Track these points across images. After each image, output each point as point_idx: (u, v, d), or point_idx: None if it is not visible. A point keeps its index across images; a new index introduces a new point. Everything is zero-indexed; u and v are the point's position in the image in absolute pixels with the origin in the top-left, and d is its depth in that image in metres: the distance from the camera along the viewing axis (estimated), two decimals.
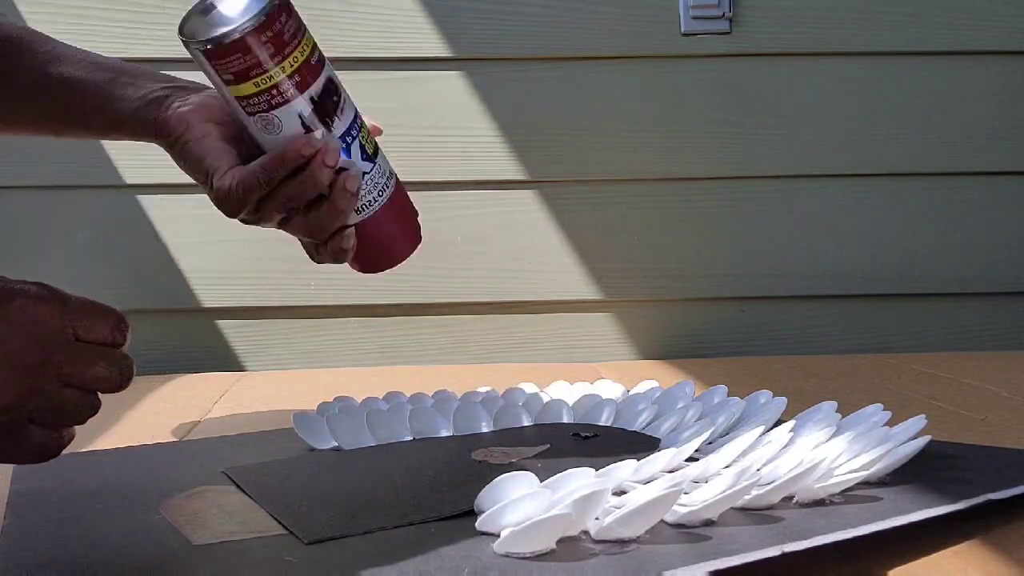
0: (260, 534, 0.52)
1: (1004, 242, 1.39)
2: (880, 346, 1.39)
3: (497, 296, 1.37)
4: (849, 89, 1.38)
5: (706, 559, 0.43)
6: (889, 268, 1.39)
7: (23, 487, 0.64)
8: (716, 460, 0.59)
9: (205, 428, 0.89)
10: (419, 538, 0.50)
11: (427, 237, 1.42)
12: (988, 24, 1.37)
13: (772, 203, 1.38)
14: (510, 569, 0.44)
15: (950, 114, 1.38)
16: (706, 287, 1.38)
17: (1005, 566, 0.47)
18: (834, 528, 0.48)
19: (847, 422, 0.66)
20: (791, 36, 1.37)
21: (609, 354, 1.38)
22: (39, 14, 1.32)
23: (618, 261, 1.38)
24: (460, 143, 1.36)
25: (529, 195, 1.37)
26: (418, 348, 1.37)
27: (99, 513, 0.57)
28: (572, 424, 0.77)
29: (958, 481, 0.57)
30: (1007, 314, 1.40)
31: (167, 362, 1.34)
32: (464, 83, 1.36)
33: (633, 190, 1.37)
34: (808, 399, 0.80)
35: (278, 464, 0.68)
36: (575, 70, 1.36)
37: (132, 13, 1.32)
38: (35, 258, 1.34)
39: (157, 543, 0.50)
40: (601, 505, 0.48)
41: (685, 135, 1.37)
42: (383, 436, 0.74)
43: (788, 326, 1.39)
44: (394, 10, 1.35)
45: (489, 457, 0.66)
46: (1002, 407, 0.90)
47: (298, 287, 1.35)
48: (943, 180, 1.39)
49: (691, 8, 1.35)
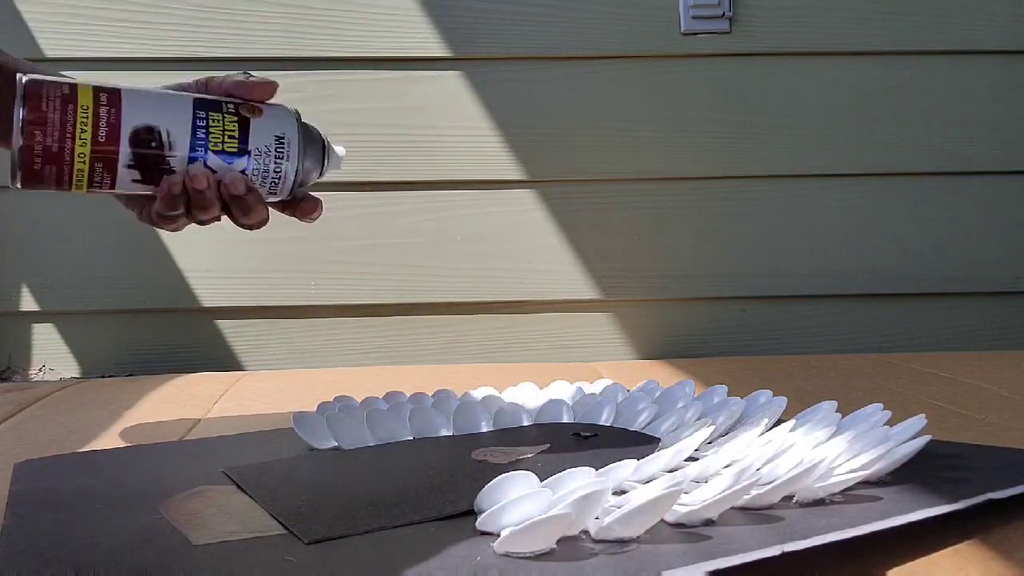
0: (260, 534, 0.52)
1: (1004, 242, 1.39)
2: (880, 346, 1.39)
3: (496, 296, 1.37)
4: (849, 89, 1.38)
5: (706, 559, 0.43)
6: (889, 268, 1.39)
7: (23, 487, 0.64)
8: (716, 460, 0.59)
9: (205, 428, 0.89)
10: (419, 538, 0.50)
11: (427, 237, 1.43)
12: (988, 24, 1.37)
13: (772, 203, 1.38)
14: (510, 569, 0.44)
15: (950, 114, 1.38)
16: (706, 287, 1.38)
17: (1005, 566, 0.47)
18: (834, 528, 0.48)
19: (847, 422, 0.66)
20: (791, 36, 1.37)
21: (608, 354, 1.38)
22: (39, 14, 1.32)
23: (618, 261, 1.38)
24: (460, 143, 1.36)
25: (529, 195, 1.37)
26: (417, 348, 1.37)
27: (99, 513, 0.57)
28: (572, 424, 0.77)
29: (958, 481, 0.57)
30: (1007, 314, 1.40)
31: (167, 362, 1.34)
32: (464, 83, 1.36)
33: (633, 190, 1.38)
34: (808, 399, 0.80)
35: (278, 464, 0.68)
36: (575, 70, 1.36)
37: (132, 13, 1.33)
38: (35, 258, 1.34)
39: (157, 543, 0.50)
40: (601, 505, 0.48)
41: (685, 135, 1.37)
42: (383, 436, 0.74)
43: (788, 326, 1.39)
44: (394, 10, 1.35)
45: (489, 457, 0.66)
46: (1002, 407, 0.90)
47: (298, 287, 1.35)
48: (943, 180, 1.39)
49: (691, 8, 1.35)
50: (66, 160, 0.60)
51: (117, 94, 0.61)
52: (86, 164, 0.60)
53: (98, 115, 0.60)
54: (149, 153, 0.62)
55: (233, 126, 0.64)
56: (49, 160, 0.59)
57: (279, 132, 0.66)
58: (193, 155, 0.63)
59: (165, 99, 0.63)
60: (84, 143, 0.60)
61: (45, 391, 1.11)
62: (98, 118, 0.60)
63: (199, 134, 0.63)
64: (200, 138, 0.63)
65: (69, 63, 1.32)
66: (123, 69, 1.32)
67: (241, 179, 0.64)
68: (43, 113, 0.59)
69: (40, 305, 1.35)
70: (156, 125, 0.62)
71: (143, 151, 0.61)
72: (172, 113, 0.63)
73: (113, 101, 0.61)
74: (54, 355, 1.36)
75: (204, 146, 0.63)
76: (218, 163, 0.64)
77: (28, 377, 1.35)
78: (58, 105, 0.59)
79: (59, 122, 0.59)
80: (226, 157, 0.64)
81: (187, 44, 1.33)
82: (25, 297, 1.35)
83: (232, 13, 1.34)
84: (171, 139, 0.62)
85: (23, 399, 1.06)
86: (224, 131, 0.64)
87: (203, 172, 0.63)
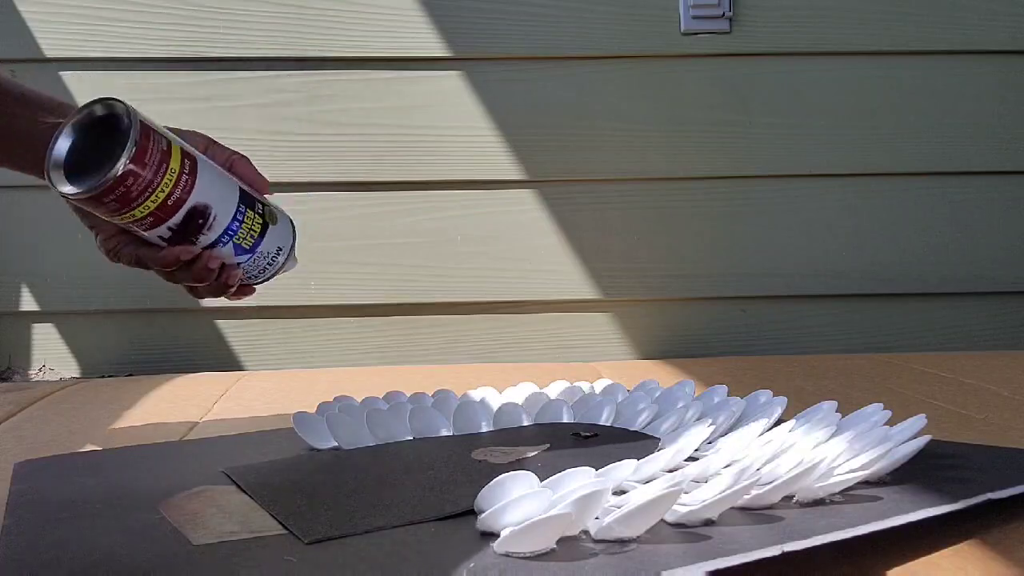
0: (260, 534, 0.52)
1: (1004, 242, 1.39)
2: (880, 346, 1.39)
3: (497, 296, 1.37)
4: (849, 89, 1.38)
5: (706, 559, 0.43)
6: (889, 268, 1.39)
7: (23, 487, 0.64)
8: (716, 460, 0.59)
9: (205, 428, 0.89)
10: (419, 538, 0.50)
11: (427, 237, 1.43)
12: (988, 24, 1.37)
13: (772, 203, 1.38)
14: (510, 569, 0.44)
15: (950, 114, 1.38)
16: (706, 287, 1.38)
17: (1005, 566, 0.47)
18: (834, 528, 0.48)
19: (847, 422, 0.66)
20: (791, 36, 1.37)
21: (609, 354, 1.38)
22: (39, 14, 1.32)
23: (618, 261, 1.38)
24: (460, 143, 1.36)
25: (529, 195, 1.37)
26: (417, 348, 1.37)
27: (99, 513, 0.57)
28: (572, 424, 0.77)
29: (958, 481, 0.57)
30: (1007, 314, 1.40)
31: (167, 362, 1.35)
32: (464, 83, 1.36)
33: (633, 190, 1.38)
34: (808, 399, 0.80)
35: (278, 464, 0.68)
36: (575, 70, 1.36)
37: (132, 13, 1.32)
38: (35, 258, 1.34)
39: (157, 543, 0.50)
40: (601, 505, 0.48)
41: (685, 135, 1.37)
42: (383, 436, 0.74)
43: (788, 326, 1.39)
44: (393, 10, 1.35)
45: (489, 457, 0.66)
46: (1002, 407, 0.90)
47: (298, 287, 1.35)
48: (943, 180, 1.39)
49: (691, 8, 1.35)
50: (133, 206, 0.62)
51: (196, 165, 0.65)
52: (144, 213, 0.63)
53: (179, 181, 0.63)
54: (194, 226, 0.65)
55: (257, 227, 0.69)
56: (121, 199, 0.62)
57: (281, 244, 0.72)
58: (220, 239, 0.67)
59: (225, 183, 0.67)
60: (156, 201, 0.63)
61: (45, 391, 1.11)
62: (176, 185, 0.63)
63: (234, 226, 0.67)
64: (232, 230, 0.67)
65: (69, 63, 1.32)
66: (123, 69, 1.32)
67: (238, 274, 0.70)
68: (144, 161, 0.61)
69: (40, 305, 1.35)
70: (211, 206, 0.66)
71: (191, 223, 0.65)
72: (226, 199, 0.67)
73: (192, 171, 0.64)
74: (54, 355, 1.36)
75: (231, 237, 0.68)
76: (228, 252, 0.68)
77: (28, 377, 1.35)
78: (157, 160, 0.62)
79: (151, 178, 0.62)
80: (238, 250, 0.69)
81: (187, 44, 1.33)
82: (25, 297, 1.35)
83: (231, 13, 1.33)
84: (214, 223, 0.66)
85: (23, 399, 1.06)
86: (250, 230, 0.69)
87: (221, 258, 0.67)
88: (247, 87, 1.33)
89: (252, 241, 0.69)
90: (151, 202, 0.63)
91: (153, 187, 0.62)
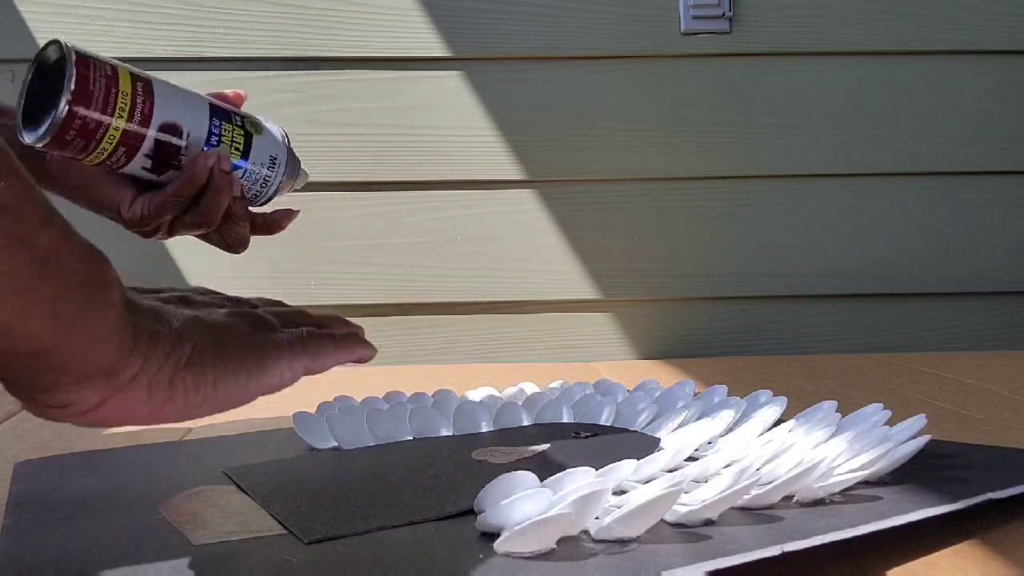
0: (260, 534, 0.52)
1: (1004, 242, 1.39)
2: (880, 346, 1.39)
3: (496, 296, 1.37)
4: (849, 89, 1.38)
5: (706, 559, 0.43)
6: (889, 268, 1.39)
7: (23, 487, 0.64)
8: (716, 460, 0.59)
9: (205, 428, 0.89)
10: (419, 538, 0.50)
11: (427, 237, 1.43)
12: (988, 24, 1.37)
13: (772, 203, 1.38)
14: (510, 569, 0.44)
15: (950, 114, 1.38)
16: (706, 287, 1.38)
17: (1005, 566, 0.47)
18: (834, 528, 0.48)
19: (847, 421, 0.66)
20: (791, 36, 1.37)
21: (609, 354, 1.38)
22: (39, 14, 1.32)
23: (618, 261, 1.38)
24: (460, 143, 1.36)
25: (529, 195, 1.37)
26: (417, 348, 1.37)
27: (99, 513, 0.57)
28: (572, 424, 0.77)
29: (958, 481, 0.57)
30: (1007, 314, 1.40)
31: None
32: (464, 83, 1.36)
33: (633, 190, 1.38)
34: (808, 399, 0.80)
35: (278, 464, 0.68)
36: (575, 70, 1.36)
37: (132, 13, 1.32)
38: None
39: (157, 543, 0.50)
40: (601, 505, 0.48)
41: (685, 135, 1.37)
42: (383, 436, 0.74)
43: (788, 326, 1.39)
44: (393, 10, 1.35)
45: (489, 457, 0.66)
46: (1002, 407, 0.90)
47: (297, 287, 1.35)
48: (943, 180, 1.39)
49: (691, 8, 1.35)
50: (96, 137, 0.62)
51: (150, 86, 0.65)
52: (112, 144, 0.63)
53: (134, 103, 0.63)
54: (170, 147, 0.65)
55: (240, 138, 0.69)
56: (82, 134, 0.62)
57: (273, 153, 0.71)
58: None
59: (189, 99, 0.67)
60: (118, 128, 0.63)
61: None
62: (134, 106, 0.63)
63: (212, 140, 0.68)
64: (213, 144, 0.68)
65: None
66: None
67: (238, 182, 0.69)
68: (89, 91, 0.61)
69: None
70: (180, 123, 0.66)
71: (165, 144, 0.65)
72: (193, 114, 0.67)
73: (147, 92, 0.64)
74: None
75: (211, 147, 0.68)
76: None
77: None
78: (103, 85, 0.62)
79: (101, 102, 0.62)
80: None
81: (187, 44, 1.33)
82: None
83: (231, 13, 1.34)
84: (190, 139, 0.66)
85: None
86: (232, 142, 0.69)
87: (227, 154, 0.67)
88: (247, 87, 1.32)
89: (239, 154, 0.69)
90: (114, 130, 0.62)
91: (109, 112, 0.62)
